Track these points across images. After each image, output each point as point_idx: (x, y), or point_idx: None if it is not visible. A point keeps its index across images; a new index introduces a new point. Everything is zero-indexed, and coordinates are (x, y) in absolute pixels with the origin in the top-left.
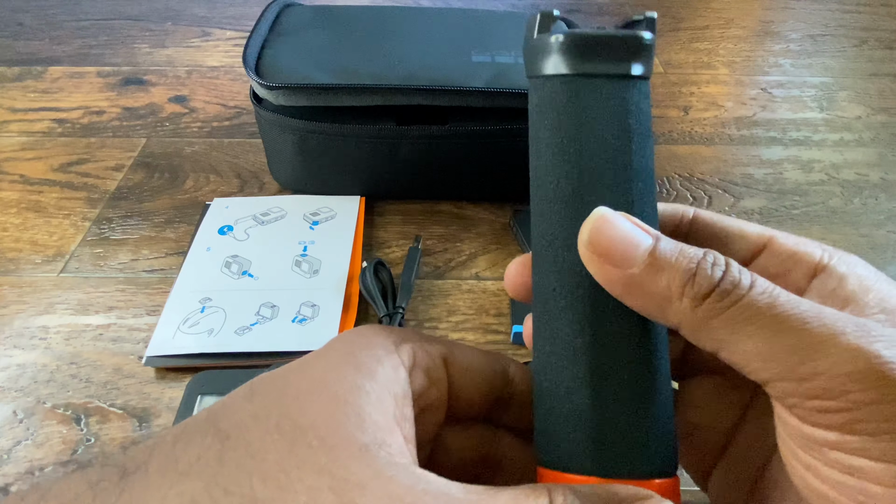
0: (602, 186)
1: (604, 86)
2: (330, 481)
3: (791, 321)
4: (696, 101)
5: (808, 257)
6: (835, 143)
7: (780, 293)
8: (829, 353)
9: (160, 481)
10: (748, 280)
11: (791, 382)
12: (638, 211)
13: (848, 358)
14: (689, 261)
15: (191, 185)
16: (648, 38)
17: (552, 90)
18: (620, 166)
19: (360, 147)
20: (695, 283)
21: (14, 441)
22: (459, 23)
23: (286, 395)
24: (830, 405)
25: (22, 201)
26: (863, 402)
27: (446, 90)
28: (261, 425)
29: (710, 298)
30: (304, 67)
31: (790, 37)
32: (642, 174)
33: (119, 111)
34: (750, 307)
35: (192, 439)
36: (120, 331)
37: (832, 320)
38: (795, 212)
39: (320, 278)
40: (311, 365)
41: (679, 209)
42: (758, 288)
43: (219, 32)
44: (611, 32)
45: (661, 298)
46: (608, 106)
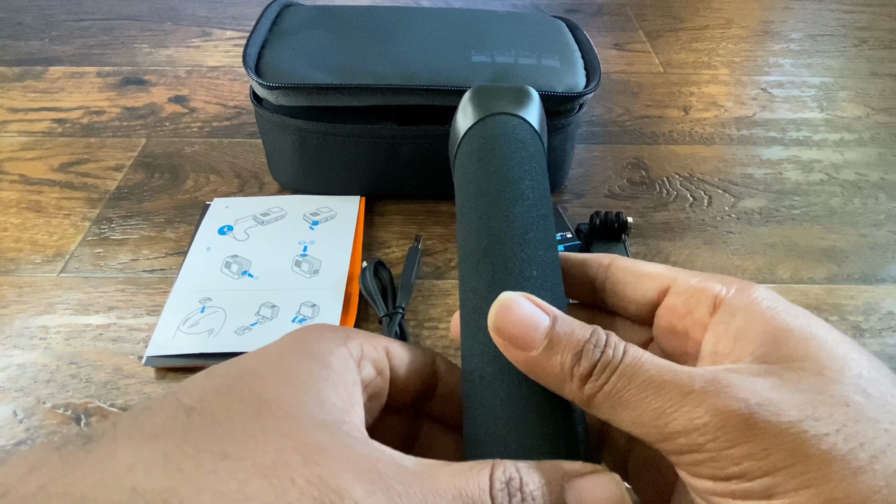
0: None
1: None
2: (294, 444)
3: (653, 387)
4: (696, 101)
5: (708, 293)
6: (835, 143)
7: (645, 361)
8: (681, 411)
9: (129, 442)
10: (619, 353)
11: (665, 443)
12: (537, 266)
13: (697, 414)
14: (577, 343)
15: (191, 185)
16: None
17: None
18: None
19: (360, 147)
20: (580, 365)
21: (14, 441)
22: (459, 23)
23: (247, 376)
24: (698, 458)
25: (22, 201)
26: (717, 449)
27: (446, 90)
28: (224, 398)
29: (590, 378)
30: (304, 67)
31: (790, 37)
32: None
33: (119, 111)
34: (621, 379)
35: (155, 411)
36: (120, 331)
37: (684, 380)
38: (795, 212)
39: (320, 278)
40: (268, 353)
41: (597, 258)
42: (627, 359)
43: (219, 32)
44: (503, 87)
45: (558, 378)
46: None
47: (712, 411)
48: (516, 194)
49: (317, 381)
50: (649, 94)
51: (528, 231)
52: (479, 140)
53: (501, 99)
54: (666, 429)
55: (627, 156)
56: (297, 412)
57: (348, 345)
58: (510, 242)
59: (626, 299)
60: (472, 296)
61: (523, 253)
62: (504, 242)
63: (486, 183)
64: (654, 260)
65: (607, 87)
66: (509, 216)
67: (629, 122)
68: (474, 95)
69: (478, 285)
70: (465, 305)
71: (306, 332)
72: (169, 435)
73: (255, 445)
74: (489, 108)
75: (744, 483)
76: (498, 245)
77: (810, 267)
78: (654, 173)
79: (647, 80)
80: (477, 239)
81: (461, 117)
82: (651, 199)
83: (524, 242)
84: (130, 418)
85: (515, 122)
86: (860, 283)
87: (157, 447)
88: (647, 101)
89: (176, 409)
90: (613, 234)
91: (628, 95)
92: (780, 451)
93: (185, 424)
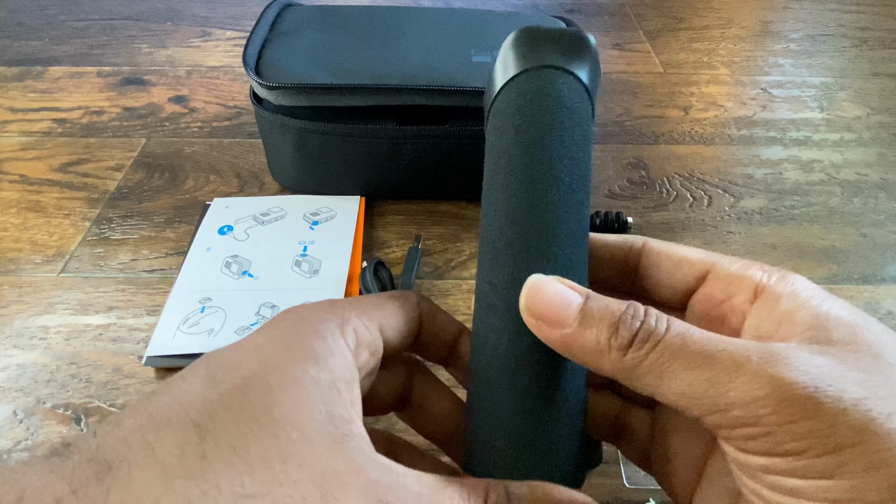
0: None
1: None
2: (311, 474)
3: (703, 358)
4: (696, 101)
5: (749, 280)
6: (835, 143)
7: (693, 333)
8: (738, 382)
9: (147, 479)
10: (663, 326)
11: (716, 415)
12: (570, 252)
13: (755, 385)
14: (612, 315)
15: (191, 185)
16: (591, 39)
17: (506, 93)
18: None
19: (360, 147)
20: (618, 336)
21: (14, 441)
22: (459, 23)
23: (254, 385)
24: (753, 432)
25: (22, 201)
26: (776, 423)
27: (446, 90)
28: (236, 417)
29: (632, 348)
30: (304, 67)
31: (790, 37)
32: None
33: (119, 111)
34: (667, 350)
35: (165, 431)
36: (120, 331)
37: (739, 351)
38: (795, 212)
39: (320, 278)
40: (269, 353)
41: (629, 241)
42: (672, 331)
43: (219, 32)
44: (555, 29)
45: (594, 352)
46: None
47: (772, 383)
48: (552, 178)
49: (323, 390)
50: (649, 94)
51: (559, 225)
52: (518, 99)
53: (551, 46)
54: (720, 399)
55: (627, 156)
56: (310, 433)
57: (346, 335)
58: (537, 235)
59: (660, 284)
60: (489, 291)
61: (549, 251)
62: (530, 234)
63: (520, 160)
64: None
65: (607, 87)
66: (540, 204)
67: (629, 122)
68: (519, 39)
69: (496, 282)
70: (480, 301)
71: (302, 323)
72: (188, 472)
73: (274, 478)
74: (534, 59)
75: (804, 460)
76: (523, 239)
77: (810, 267)
78: (654, 173)
79: (647, 80)
80: (501, 225)
81: (500, 66)
82: (651, 198)
83: (551, 238)
84: (139, 439)
85: (563, 78)
86: (860, 283)
87: (178, 488)
88: (647, 101)
89: (186, 428)
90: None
91: (628, 95)
92: (846, 428)
93: (202, 452)
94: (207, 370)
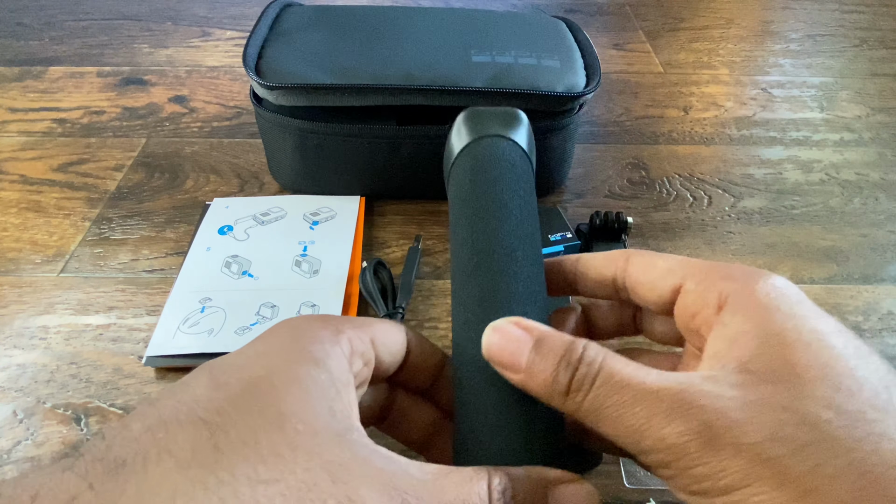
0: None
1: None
2: (320, 461)
3: (625, 404)
4: (696, 101)
5: (712, 294)
6: (835, 143)
7: (621, 378)
8: (652, 430)
9: (161, 471)
10: (594, 370)
11: (642, 457)
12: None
13: (665, 433)
14: (555, 359)
15: (191, 185)
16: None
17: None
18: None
19: (360, 147)
20: (557, 382)
21: (14, 441)
22: (459, 23)
23: (259, 385)
24: (669, 473)
25: (22, 201)
26: (684, 468)
27: (446, 90)
28: (244, 413)
29: (569, 395)
30: (304, 67)
31: (790, 37)
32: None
33: (119, 111)
34: (596, 399)
35: (175, 429)
36: (120, 331)
37: (653, 398)
38: (795, 212)
39: (320, 278)
40: (271, 357)
41: (614, 257)
42: (600, 379)
43: (219, 32)
44: (494, 110)
45: (547, 395)
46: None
47: (677, 432)
48: (505, 214)
49: (323, 389)
50: (649, 94)
51: (515, 249)
52: (471, 160)
53: (493, 122)
54: (640, 445)
55: (627, 156)
56: (315, 425)
57: (340, 343)
58: (498, 259)
59: (646, 297)
60: (463, 310)
61: (510, 269)
62: (493, 259)
63: (478, 202)
64: None
65: (607, 87)
66: (498, 235)
67: (629, 122)
68: (467, 118)
69: (468, 300)
70: (457, 318)
71: (300, 331)
72: (202, 462)
73: (286, 466)
74: (481, 131)
75: (708, 499)
76: (487, 262)
77: (810, 267)
78: (654, 173)
79: (647, 80)
80: (468, 254)
81: (455, 138)
82: (651, 199)
83: (511, 260)
84: (151, 439)
85: (506, 143)
86: (860, 283)
87: (194, 477)
88: (647, 101)
89: (196, 426)
90: (613, 234)
91: (628, 95)
92: (735, 473)
93: (214, 445)
94: (210, 374)
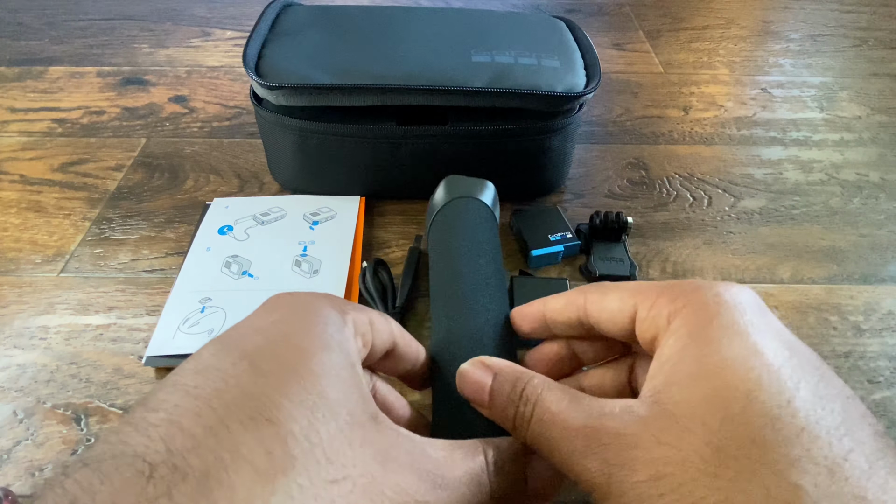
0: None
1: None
2: (371, 452)
3: (552, 442)
4: (696, 101)
5: (658, 321)
6: (835, 143)
7: (548, 418)
8: (571, 466)
9: (245, 483)
10: (529, 411)
11: (578, 486)
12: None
13: (577, 470)
14: (505, 398)
15: (191, 185)
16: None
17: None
18: None
19: (360, 147)
20: (507, 419)
21: (14, 441)
22: (459, 23)
23: (301, 374)
24: (595, 496)
25: (22, 201)
26: (605, 492)
27: (446, 90)
28: (298, 405)
29: (515, 430)
30: (304, 67)
31: (790, 37)
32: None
33: (119, 111)
34: (533, 434)
35: (240, 431)
36: (120, 331)
37: (567, 441)
38: (795, 212)
39: (320, 278)
40: (293, 337)
41: (572, 300)
42: (536, 414)
43: (219, 32)
44: (468, 178)
45: (507, 427)
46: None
47: (589, 469)
48: (480, 251)
49: (351, 374)
50: (649, 94)
51: (488, 279)
52: (450, 214)
53: (468, 186)
54: (570, 476)
55: (627, 156)
56: (357, 415)
57: (347, 323)
58: (467, 294)
59: (610, 332)
60: (446, 321)
61: (477, 304)
62: (464, 293)
63: (457, 243)
64: (653, 260)
65: (607, 87)
66: (474, 267)
67: (629, 122)
68: (449, 182)
69: (452, 313)
70: (437, 326)
71: (310, 311)
72: (280, 468)
73: (347, 461)
74: (458, 193)
75: None
76: (465, 290)
77: (810, 267)
78: (654, 173)
79: (647, 80)
80: (450, 281)
81: (439, 196)
82: (651, 199)
83: (484, 287)
84: (215, 441)
85: (476, 202)
86: (860, 283)
87: (278, 486)
88: (647, 101)
89: (259, 425)
90: (613, 234)
91: (628, 95)
92: None
93: (285, 450)
94: (248, 360)
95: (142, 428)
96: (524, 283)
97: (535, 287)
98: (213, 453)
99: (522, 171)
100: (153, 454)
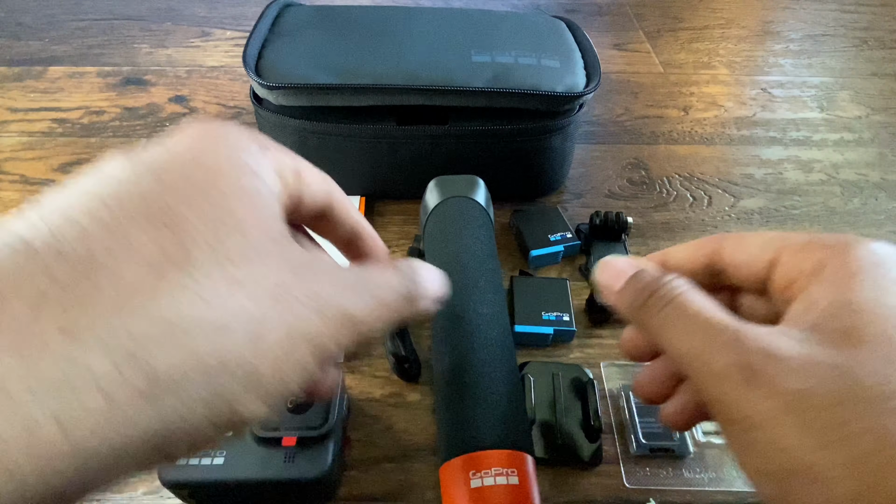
0: None
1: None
2: (283, 262)
3: (689, 330)
4: (696, 101)
5: (807, 264)
6: (835, 143)
7: (691, 306)
8: (704, 355)
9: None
10: (671, 294)
11: (692, 375)
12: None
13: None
14: (642, 282)
15: None
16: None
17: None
18: None
19: (360, 147)
20: (639, 298)
21: None
22: (459, 23)
23: (209, 192)
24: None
25: (22, 201)
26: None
27: (447, 90)
28: (203, 218)
29: (643, 308)
30: (304, 67)
31: (790, 37)
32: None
33: (119, 111)
34: (669, 316)
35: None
36: None
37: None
38: (795, 212)
39: None
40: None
41: (704, 245)
42: (678, 300)
43: (219, 32)
44: (458, 177)
45: (629, 308)
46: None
47: (723, 363)
48: (469, 252)
49: (266, 199)
50: (649, 94)
51: (479, 279)
52: (444, 212)
53: (460, 185)
54: (689, 367)
55: (627, 156)
56: (270, 232)
57: (266, 157)
58: (466, 286)
59: (741, 278)
60: (448, 323)
61: (475, 295)
62: (462, 284)
63: (451, 241)
64: None
65: (607, 87)
66: (465, 268)
67: (629, 122)
68: (439, 182)
69: (442, 313)
70: (437, 330)
71: (225, 138)
72: (175, 263)
73: (254, 267)
74: (451, 192)
75: (737, 429)
76: (457, 286)
77: None
78: (654, 173)
79: (647, 80)
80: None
81: (431, 197)
82: (651, 199)
83: (475, 287)
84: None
85: (468, 201)
86: None
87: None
88: (647, 101)
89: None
90: (613, 234)
91: (628, 95)
92: (764, 412)
93: (182, 247)
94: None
95: (26, 216)
96: (524, 283)
97: (535, 287)
98: (102, 243)
99: (522, 171)
100: (36, 239)
